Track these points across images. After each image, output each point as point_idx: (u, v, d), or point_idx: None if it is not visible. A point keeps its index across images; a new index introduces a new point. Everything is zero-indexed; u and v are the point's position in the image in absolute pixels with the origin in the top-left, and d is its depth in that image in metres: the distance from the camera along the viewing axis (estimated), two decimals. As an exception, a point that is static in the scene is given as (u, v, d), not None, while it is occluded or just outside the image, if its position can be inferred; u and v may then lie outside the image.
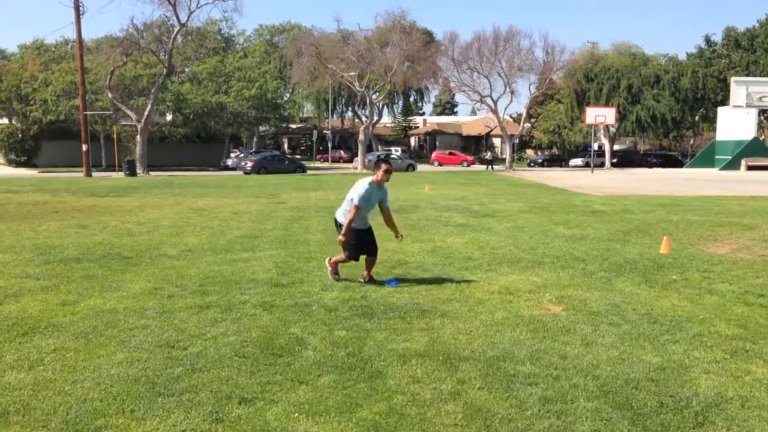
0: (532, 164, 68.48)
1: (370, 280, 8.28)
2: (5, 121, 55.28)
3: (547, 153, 75.32)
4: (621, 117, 58.41)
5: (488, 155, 59.99)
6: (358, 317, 6.66)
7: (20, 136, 51.30)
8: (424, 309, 7.01)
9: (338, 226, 8.34)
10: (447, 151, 69.95)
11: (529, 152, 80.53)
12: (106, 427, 4.07)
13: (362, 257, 8.35)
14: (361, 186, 8.09)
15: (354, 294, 7.67)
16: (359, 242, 8.22)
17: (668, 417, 4.34)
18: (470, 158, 66.64)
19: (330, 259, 8.55)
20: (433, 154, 69.04)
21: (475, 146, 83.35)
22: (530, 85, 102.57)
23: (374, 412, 4.35)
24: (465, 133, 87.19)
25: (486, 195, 24.32)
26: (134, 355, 5.42)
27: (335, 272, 8.40)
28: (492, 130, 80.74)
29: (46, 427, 4.05)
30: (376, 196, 8.27)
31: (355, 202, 8.02)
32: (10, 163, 50.91)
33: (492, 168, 55.89)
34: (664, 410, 4.46)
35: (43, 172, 44.94)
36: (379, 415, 4.29)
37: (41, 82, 49.83)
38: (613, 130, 61.49)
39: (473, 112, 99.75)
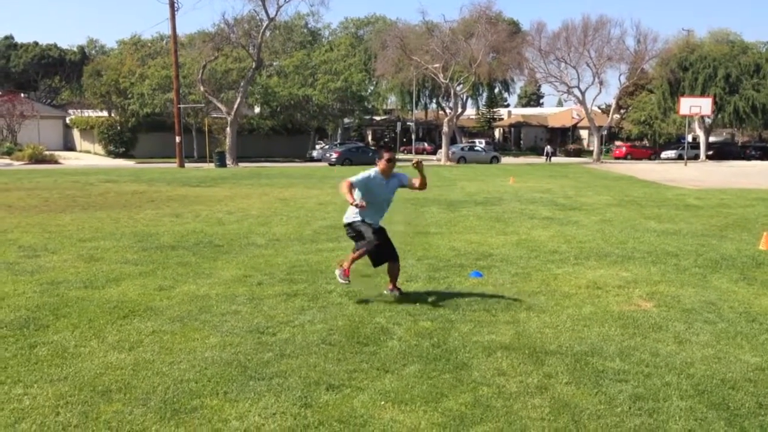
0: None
1: (396, 290, 7.20)
2: (105, 114, 57.97)
3: (636, 144, 72.92)
4: (717, 108, 55.87)
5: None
6: (442, 308, 6.67)
7: (119, 128, 53.66)
8: (509, 302, 6.95)
9: (346, 226, 7.15)
10: (625, 145, 67.58)
11: (618, 144, 78.16)
12: (201, 407, 4.24)
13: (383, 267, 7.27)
14: (366, 171, 7.12)
15: (439, 285, 7.68)
16: (368, 224, 7.00)
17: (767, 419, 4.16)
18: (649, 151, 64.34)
19: (341, 265, 7.08)
20: (619, 146, 66.86)
21: (561, 138, 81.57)
22: (620, 75, 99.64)
23: (460, 402, 4.35)
24: (551, 125, 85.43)
25: (572, 188, 23.80)
26: (226, 339, 5.60)
27: (346, 275, 6.93)
28: (579, 121, 78.80)
29: (146, 405, 4.25)
30: (382, 188, 7.08)
31: (350, 178, 6.92)
32: (110, 154, 53.33)
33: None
34: (763, 412, 4.27)
35: (139, 162, 46.92)
36: (465, 406, 4.29)
37: (138, 77, 51.95)
38: (708, 121, 58.97)
39: (560, 104, 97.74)
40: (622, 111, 71.19)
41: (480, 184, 25.41)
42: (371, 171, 7.13)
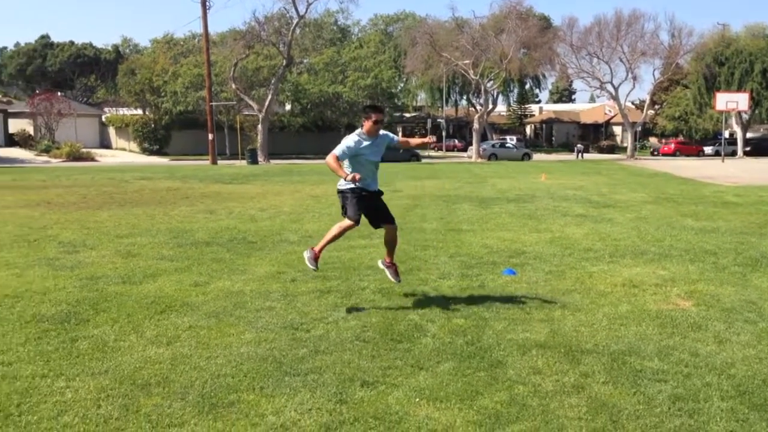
0: (655, 153, 65.54)
1: (391, 267, 7.02)
2: (139, 112, 58.79)
3: (671, 141, 71.83)
4: (755, 103, 54.82)
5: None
6: (476, 306, 6.63)
7: (152, 126, 54.43)
8: (544, 300, 6.89)
9: (338, 193, 6.84)
10: (674, 141, 66.65)
11: (653, 140, 77.12)
12: (238, 402, 4.28)
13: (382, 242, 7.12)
14: (344, 142, 6.65)
15: (472, 283, 7.65)
16: (360, 202, 6.68)
17: (812, 422, 4.07)
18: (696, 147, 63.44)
19: (311, 251, 6.79)
20: (667, 142, 65.98)
21: (593, 135, 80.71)
22: (654, 70, 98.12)
23: (495, 401, 4.33)
24: (583, 121, 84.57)
25: (606, 185, 23.55)
26: (261, 335, 5.65)
27: (315, 258, 6.70)
28: (612, 117, 77.91)
29: (184, 399, 4.30)
30: (371, 148, 6.66)
31: (334, 150, 6.58)
32: (144, 151, 54.12)
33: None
34: (807, 415, 4.18)
35: (173, 159, 47.53)
36: (501, 404, 4.27)
37: (171, 75, 52.62)
38: (746, 116, 57.85)
39: (592, 100, 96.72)
40: (656, 107, 70.21)
41: (511, 181, 25.26)
42: (354, 135, 6.66)
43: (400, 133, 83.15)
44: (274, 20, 49.51)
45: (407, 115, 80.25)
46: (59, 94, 60.79)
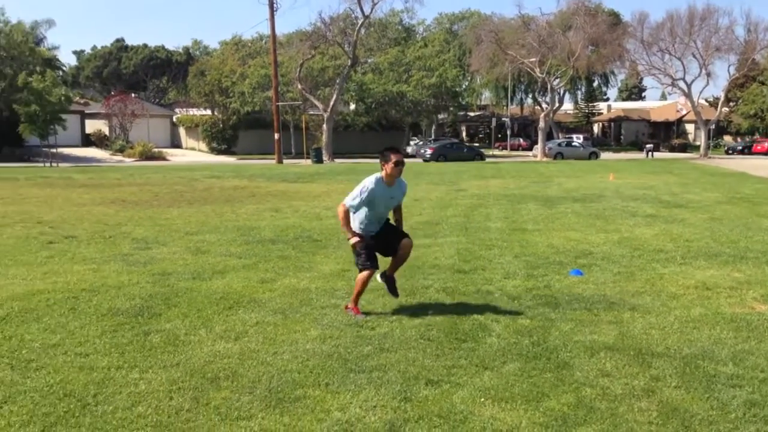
0: (730, 151, 63.24)
1: (388, 280, 6.47)
2: (208, 112, 60.21)
3: (747, 139, 69.16)
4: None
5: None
6: (541, 306, 6.56)
7: (221, 126, 55.67)
8: (612, 301, 6.75)
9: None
10: None
11: (727, 139, 74.43)
12: (304, 397, 4.34)
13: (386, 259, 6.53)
14: (364, 183, 6.10)
15: (537, 283, 7.55)
16: (368, 243, 6.19)
17: None
18: None
19: (347, 307, 6.37)
20: (760, 141, 63.92)
21: (664, 133, 78.44)
22: (729, 66, 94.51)
23: (562, 402, 4.27)
24: (653, 119, 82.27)
25: (677, 184, 22.87)
26: (327, 332, 5.71)
27: (358, 311, 6.22)
28: (684, 115, 75.54)
29: (252, 393, 4.39)
30: (386, 197, 6.20)
31: (345, 201, 6.13)
32: (212, 150, 55.39)
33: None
34: None
35: (240, 159, 48.51)
36: (567, 407, 4.21)
37: (239, 76, 53.69)
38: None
39: (663, 97, 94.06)
40: (731, 104, 67.68)
41: (578, 181, 24.81)
42: (370, 181, 6.10)
43: (464, 132, 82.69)
44: (339, 20, 49.93)
45: (471, 114, 79.70)
46: (133, 95, 62.82)
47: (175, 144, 61.54)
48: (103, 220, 12.90)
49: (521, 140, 71.69)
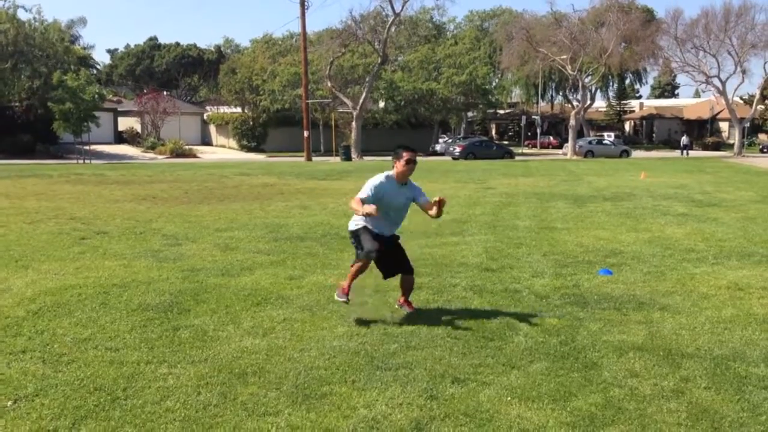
0: (765, 150, 62.02)
1: (407, 305, 6.30)
2: (239, 110, 60.70)
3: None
4: None
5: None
6: (570, 305, 6.50)
7: (251, 123, 56.08)
8: (641, 301, 6.67)
9: (350, 236, 6.31)
10: None
11: (762, 137, 72.98)
12: (330, 394, 4.36)
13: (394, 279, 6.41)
14: (374, 179, 6.01)
15: (566, 282, 7.49)
16: (372, 234, 6.00)
17: None
18: None
19: (340, 285, 6.24)
20: None
21: (698, 131, 77.17)
22: (765, 63, 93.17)
23: (589, 402, 4.23)
24: (686, 117, 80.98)
25: (710, 183, 22.50)
26: (353, 329, 5.73)
27: (344, 293, 6.01)
28: (718, 113, 74.24)
29: (279, 389, 4.42)
30: (395, 197, 6.03)
31: (359, 194, 5.93)
32: (242, 148, 55.84)
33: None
34: None
35: (269, 156, 48.84)
36: (595, 407, 4.17)
37: (269, 74, 54.04)
38: None
39: (697, 94, 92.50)
40: (767, 102, 66.38)
41: (609, 179, 24.54)
42: (381, 177, 6.00)
43: (493, 130, 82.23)
44: (369, 18, 49.97)
45: (501, 111, 79.23)
46: (165, 93, 63.56)
47: (206, 141, 62.13)
48: (134, 216, 13.08)
49: (551, 138, 71.07)
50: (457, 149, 46.35)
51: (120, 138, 57.38)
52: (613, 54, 51.15)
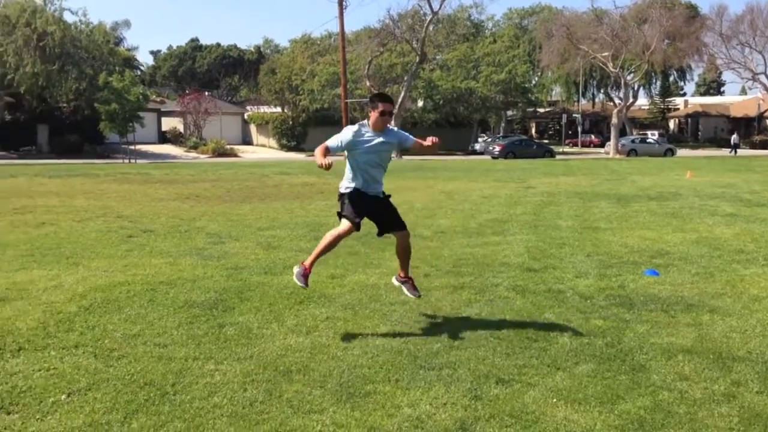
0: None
1: (407, 281, 6.12)
2: (278, 109, 61.24)
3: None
4: None
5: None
6: (615, 307, 6.41)
7: (290, 123, 56.56)
8: (690, 303, 6.54)
9: (338, 198, 6.07)
10: None
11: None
12: (374, 392, 4.37)
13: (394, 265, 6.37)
14: (345, 129, 5.85)
15: (611, 283, 7.38)
16: (359, 202, 5.83)
17: None
18: None
19: (302, 262, 5.96)
20: None
21: (745, 129, 75.39)
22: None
23: (638, 406, 4.16)
24: (733, 114, 79.18)
25: (760, 182, 21.96)
26: (396, 328, 5.73)
27: (305, 274, 5.74)
28: (766, 110, 72.45)
29: (323, 387, 4.45)
30: (376, 144, 5.74)
31: (327, 141, 5.77)
32: (282, 147, 56.35)
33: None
34: None
35: (309, 155, 49.12)
36: (644, 410, 4.10)
37: (308, 74, 54.41)
38: None
39: (743, 92, 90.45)
40: (817, 98, 64.60)
41: (653, 178, 24.12)
42: (354, 126, 5.80)
43: (533, 129, 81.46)
44: (408, 17, 50.00)
45: (541, 110, 78.50)
46: (206, 93, 64.47)
47: (246, 141, 62.82)
48: (178, 215, 13.29)
49: (593, 137, 70.18)
50: (497, 148, 46.07)
51: (163, 138, 58.39)
52: (656, 51, 50.29)
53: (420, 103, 59.52)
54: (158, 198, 16.79)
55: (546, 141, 68.65)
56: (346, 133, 5.75)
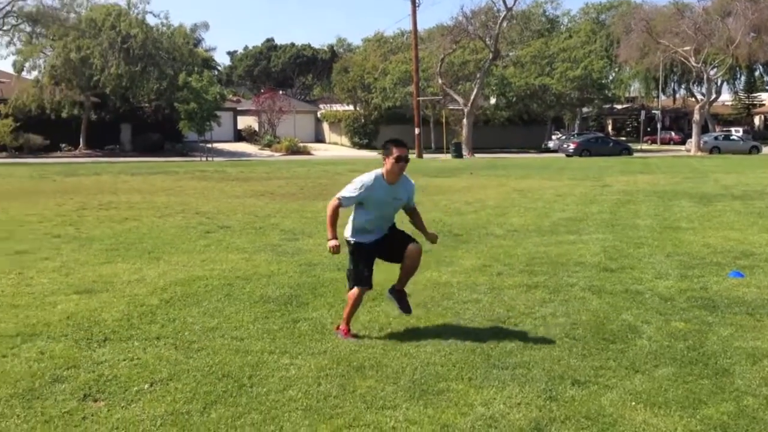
0: None
1: (398, 295, 5.72)
2: (351, 108, 61.72)
3: None
4: None
5: None
6: (697, 309, 6.19)
7: (363, 121, 56.90)
8: (778, 307, 6.25)
9: (347, 244, 5.81)
10: None
11: None
12: (447, 390, 4.36)
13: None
14: (360, 178, 5.53)
15: (692, 284, 7.14)
16: (368, 254, 5.64)
17: None
18: None
19: (338, 328, 5.57)
20: None
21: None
22: None
23: (721, 411, 4.01)
24: (825, 109, 75.21)
25: None
26: (469, 326, 5.71)
27: (348, 333, 5.43)
28: None
29: (396, 383, 4.47)
30: (387, 198, 5.52)
31: (337, 194, 5.57)
32: (354, 145, 56.74)
33: None
34: None
35: (380, 153, 49.35)
36: (727, 416, 3.95)
37: (381, 72, 54.61)
38: None
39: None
40: None
41: (738, 177, 23.17)
42: (368, 177, 5.45)
43: (609, 126, 79.45)
44: (481, 14, 49.50)
45: (618, 106, 76.45)
46: (280, 92, 65.58)
47: (319, 139, 63.57)
48: (253, 211, 13.58)
49: (673, 134, 67.89)
50: (571, 146, 45.15)
51: (239, 136, 59.72)
52: (740, 45, 48.17)
53: (492, 101, 58.85)
54: (234, 195, 17.20)
55: (623, 138, 66.74)
56: (359, 186, 5.45)
